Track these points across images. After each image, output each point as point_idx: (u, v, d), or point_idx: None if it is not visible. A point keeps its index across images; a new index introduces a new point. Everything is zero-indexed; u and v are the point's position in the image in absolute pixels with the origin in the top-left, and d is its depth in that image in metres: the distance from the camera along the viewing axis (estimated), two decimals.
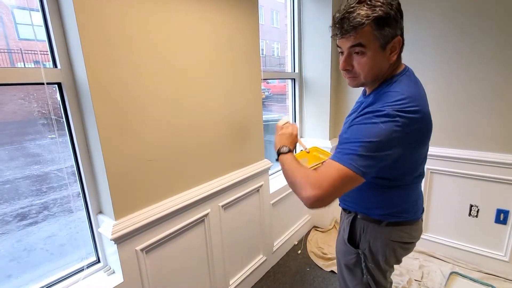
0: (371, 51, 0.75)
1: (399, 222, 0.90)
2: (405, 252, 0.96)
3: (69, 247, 1.59)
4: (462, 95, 1.81)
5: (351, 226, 0.97)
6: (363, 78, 0.80)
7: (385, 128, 0.69)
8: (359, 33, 0.73)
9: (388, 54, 0.77)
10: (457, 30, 1.75)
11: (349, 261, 0.99)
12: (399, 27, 0.75)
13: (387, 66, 0.79)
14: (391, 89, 0.77)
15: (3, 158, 2.23)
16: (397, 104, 0.71)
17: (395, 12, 0.73)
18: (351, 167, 0.69)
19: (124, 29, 1.01)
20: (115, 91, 1.01)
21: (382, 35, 0.73)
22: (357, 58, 0.78)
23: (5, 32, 2.10)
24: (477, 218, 1.88)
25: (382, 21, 0.71)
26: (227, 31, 1.42)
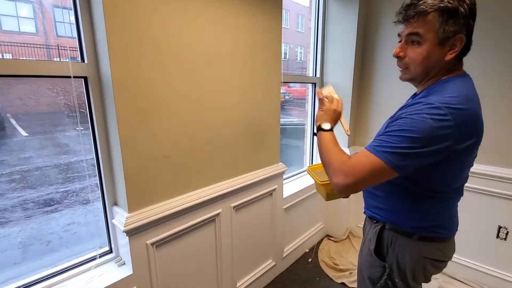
0: (427, 42, 0.72)
1: (431, 237, 0.83)
2: (435, 271, 0.89)
3: (85, 236, 1.66)
4: (498, 108, 1.69)
5: (378, 236, 0.90)
6: (413, 70, 0.78)
7: (432, 123, 0.65)
8: (420, 21, 0.72)
9: (446, 50, 0.73)
10: (492, 41, 1.64)
11: (374, 274, 0.91)
12: (465, 25, 0.71)
13: (442, 64, 0.75)
14: (445, 87, 0.73)
15: (35, 146, 2.38)
16: (450, 100, 0.68)
17: (465, 9, 0.69)
18: (386, 161, 0.68)
19: (150, 30, 1.04)
20: (136, 87, 1.04)
21: (443, 28, 0.70)
22: (412, 48, 0.76)
23: (45, 29, 2.25)
24: (505, 241, 1.74)
25: (447, 14, 0.69)
26: (248, 33, 1.42)
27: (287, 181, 2.14)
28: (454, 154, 0.71)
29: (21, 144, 2.31)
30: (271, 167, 1.74)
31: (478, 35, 1.65)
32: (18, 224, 1.58)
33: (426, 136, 0.66)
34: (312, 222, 2.32)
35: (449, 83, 0.74)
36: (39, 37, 2.26)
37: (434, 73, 0.77)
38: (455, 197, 0.85)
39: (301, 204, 2.09)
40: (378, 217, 0.91)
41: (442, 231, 0.84)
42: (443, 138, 0.66)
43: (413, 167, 0.70)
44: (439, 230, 0.84)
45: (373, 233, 0.91)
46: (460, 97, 0.69)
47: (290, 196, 1.95)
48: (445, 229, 0.85)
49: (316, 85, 2.30)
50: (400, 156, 0.67)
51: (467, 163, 0.78)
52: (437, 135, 0.66)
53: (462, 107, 0.68)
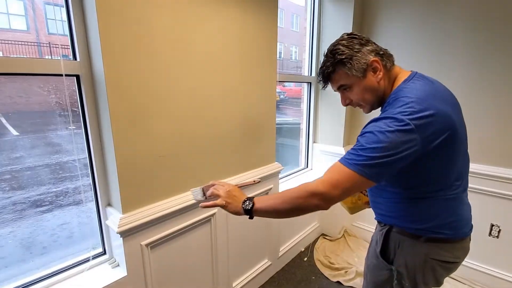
0: (354, 84, 0.85)
1: (438, 238, 0.83)
2: (446, 273, 0.88)
3: (78, 237, 1.63)
4: (488, 108, 1.71)
5: (384, 239, 0.90)
6: (366, 103, 0.88)
7: (392, 132, 0.70)
8: (335, 78, 0.87)
9: (372, 76, 0.84)
10: (485, 43, 1.66)
11: (379, 277, 0.92)
12: (367, 53, 0.83)
13: (379, 86, 0.85)
14: (396, 97, 0.78)
15: (26, 146, 2.33)
16: (404, 109, 0.72)
17: (356, 48, 0.82)
18: (362, 174, 0.72)
19: (144, 27, 1.03)
20: (130, 86, 1.03)
21: (354, 69, 0.82)
22: (349, 93, 0.88)
23: (36, 26, 2.20)
24: (498, 238, 1.77)
25: (346, 60, 0.82)
26: (244, 32, 1.41)
27: (282, 181, 2.14)
28: (429, 153, 0.73)
29: (12, 143, 2.26)
30: (267, 166, 1.73)
31: (473, 38, 1.68)
32: (8, 225, 1.55)
33: (392, 145, 0.70)
34: (308, 221, 2.33)
35: (402, 91, 0.79)
36: (30, 34, 2.21)
37: (381, 93, 0.86)
38: (457, 195, 0.84)
39: None
40: (384, 220, 0.92)
41: (446, 231, 0.83)
42: (409, 143, 0.70)
43: (387, 174, 0.74)
44: (443, 231, 0.83)
45: (380, 235, 0.92)
46: (414, 101, 0.73)
47: None
48: (450, 229, 0.84)
49: (311, 84, 2.30)
50: (372, 168, 0.71)
51: (449, 158, 0.78)
52: (402, 142, 0.70)
53: (418, 108, 0.71)
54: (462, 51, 1.74)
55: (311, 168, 2.47)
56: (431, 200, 0.82)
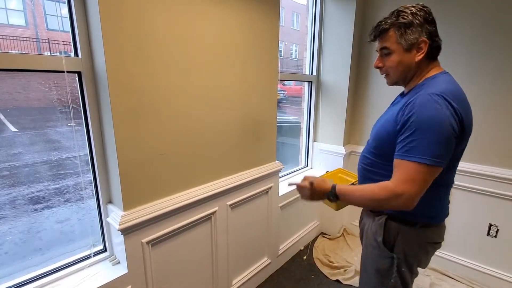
0: (396, 52, 0.88)
1: (431, 223, 0.92)
2: (433, 252, 0.97)
3: (78, 234, 1.63)
4: (488, 109, 1.72)
5: (384, 228, 0.93)
6: (392, 75, 0.92)
7: (446, 111, 0.75)
8: (384, 38, 0.89)
9: (414, 54, 0.87)
10: (486, 44, 1.66)
11: (382, 266, 0.94)
12: (424, 31, 0.84)
13: (414, 65, 0.88)
14: (435, 82, 0.84)
15: (24, 142, 2.32)
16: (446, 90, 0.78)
17: (419, 20, 0.84)
18: (432, 163, 0.75)
19: (146, 24, 1.02)
20: (132, 83, 1.02)
21: (404, 38, 0.85)
22: (386, 58, 0.91)
23: (35, 22, 2.18)
24: (496, 238, 1.78)
25: (404, 27, 0.85)
26: (246, 30, 1.41)
27: (283, 179, 2.14)
28: (459, 138, 0.79)
29: (10, 139, 2.24)
30: (267, 165, 1.73)
31: (466, 40, 1.68)
32: (7, 222, 1.54)
33: (435, 124, 0.74)
34: (307, 220, 2.33)
35: (437, 79, 0.85)
36: (29, 30, 2.20)
37: (412, 74, 0.90)
38: (451, 184, 0.93)
39: (297, 202, 2.09)
40: (381, 211, 0.95)
41: (437, 217, 0.93)
42: (450, 123, 0.75)
43: (449, 156, 0.79)
44: (436, 216, 0.92)
45: (378, 225, 0.94)
46: (452, 89, 0.81)
47: (286, 194, 1.96)
48: (441, 214, 0.94)
49: (312, 83, 2.30)
50: (437, 151, 0.75)
51: (461, 152, 0.87)
52: (445, 120, 0.75)
53: (458, 96, 0.80)
54: (460, 50, 1.75)
55: (311, 167, 2.47)
56: (437, 189, 0.86)
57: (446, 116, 0.75)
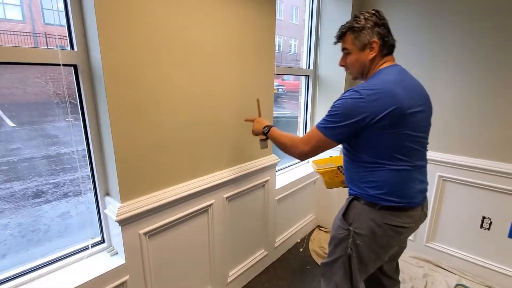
0: (353, 52, 1.05)
1: (390, 206, 0.98)
2: (397, 236, 1.02)
3: (77, 226, 1.65)
4: (482, 102, 1.73)
5: (348, 205, 1.08)
6: (353, 71, 1.10)
7: (349, 102, 0.94)
8: (343, 40, 1.07)
9: (368, 52, 1.02)
10: (477, 38, 1.67)
11: (339, 235, 1.09)
12: (375, 33, 0.99)
13: (368, 62, 1.03)
14: (372, 77, 1.00)
15: (23, 137, 2.32)
16: (367, 85, 0.95)
17: (370, 24, 0.99)
18: (325, 134, 0.99)
19: (142, 16, 1.02)
20: (129, 76, 1.03)
21: (358, 40, 1.02)
22: (346, 57, 1.09)
23: (32, 16, 2.18)
24: (489, 230, 1.81)
25: (357, 30, 1.01)
26: (242, 23, 1.41)
27: (279, 173, 2.16)
28: (376, 123, 0.91)
29: (8, 135, 2.25)
30: (263, 158, 1.75)
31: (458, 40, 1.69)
32: (7, 216, 1.56)
33: (345, 111, 0.94)
34: (304, 213, 2.36)
35: (377, 74, 1.00)
36: (26, 24, 2.19)
37: (367, 69, 1.05)
38: (400, 168, 0.97)
39: (293, 196, 2.12)
40: (351, 191, 1.10)
41: (395, 199, 0.98)
42: (359, 111, 0.92)
43: (343, 135, 0.97)
44: (392, 198, 0.98)
45: (346, 202, 1.10)
46: (378, 82, 0.95)
47: (282, 188, 1.98)
48: (398, 197, 0.98)
49: (309, 77, 2.31)
50: (332, 129, 0.97)
51: (394, 134, 0.93)
52: (354, 109, 0.92)
53: (375, 88, 0.92)
54: (458, 47, 1.75)
55: (307, 161, 2.49)
56: (384, 171, 0.97)
57: (346, 103, 0.94)
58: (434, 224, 2.02)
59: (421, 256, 2.06)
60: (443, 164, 1.90)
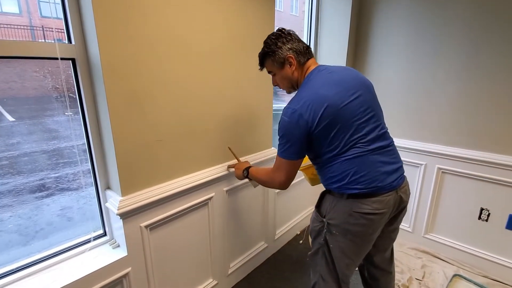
0: (276, 72, 1.15)
1: (355, 194, 1.01)
2: (370, 223, 1.03)
3: (78, 220, 1.67)
4: (481, 95, 1.73)
5: (320, 198, 1.15)
6: (284, 88, 1.19)
7: (286, 122, 1.00)
8: (265, 65, 1.18)
9: (288, 68, 1.11)
10: (478, 32, 1.66)
11: (315, 227, 1.14)
12: (286, 49, 1.08)
13: (293, 76, 1.12)
14: (298, 91, 1.07)
15: (22, 132, 2.32)
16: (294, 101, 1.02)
17: (279, 44, 1.08)
18: (288, 158, 1.05)
19: (140, 9, 1.01)
20: (127, 69, 1.03)
21: (275, 61, 1.11)
22: (275, 78, 1.18)
23: (28, 8, 2.15)
24: (487, 222, 1.83)
25: (269, 54, 1.11)
26: (241, 16, 1.40)
27: None
28: (317, 128, 0.97)
29: (8, 129, 2.25)
30: (264, 151, 1.75)
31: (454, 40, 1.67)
32: (8, 210, 1.57)
33: (287, 131, 1.01)
34: (304, 206, 2.38)
35: (305, 82, 1.07)
36: (23, 18, 2.16)
37: (295, 81, 1.13)
38: (353, 156, 0.99)
39: (293, 189, 2.13)
40: (325, 186, 1.15)
41: (358, 186, 1.00)
42: (298, 125, 0.98)
43: (300, 150, 1.03)
44: (355, 186, 1.00)
45: (320, 196, 1.16)
46: (305, 91, 1.02)
47: None
48: (360, 183, 0.99)
49: None
50: (287, 151, 1.03)
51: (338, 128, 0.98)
52: (293, 126, 0.99)
53: (304, 97, 0.99)
54: (461, 39, 1.74)
55: None
56: (337, 162, 1.01)
57: (286, 123, 1.00)
58: (433, 215, 2.04)
59: (419, 247, 2.09)
60: (442, 157, 1.91)
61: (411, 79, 1.97)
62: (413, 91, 1.98)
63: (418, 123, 2.00)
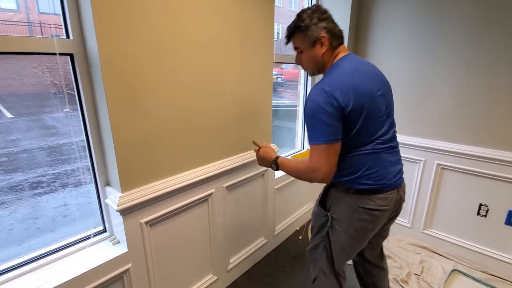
0: (304, 50, 1.06)
1: (363, 189, 1.01)
2: (373, 220, 1.04)
3: (78, 217, 1.67)
4: (482, 90, 1.72)
5: (324, 192, 1.14)
6: (308, 68, 1.11)
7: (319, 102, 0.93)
8: (293, 39, 1.08)
9: (319, 48, 1.03)
10: (479, 26, 1.65)
11: (319, 222, 1.14)
12: (321, 28, 1.00)
13: (321, 57, 1.04)
14: (329, 73, 1.02)
15: (21, 129, 2.32)
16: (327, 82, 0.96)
17: (315, 20, 1.00)
18: (328, 142, 0.94)
19: (139, 3, 1.00)
20: (126, 64, 1.02)
21: (307, 37, 1.02)
22: (300, 56, 1.09)
23: (26, 4, 2.13)
24: (485, 218, 1.84)
25: (303, 29, 1.02)
26: (241, 12, 1.39)
27: None
28: (349, 114, 0.93)
29: (7, 126, 2.24)
30: None
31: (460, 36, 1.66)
32: (8, 207, 1.57)
33: (321, 111, 0.92)
34: (303, 202, 2.38)
35: (335, 67, 1.01)
36: (21, 14, 2.15)
37: (322, 64, 1.06)
38: (369, 151, 1.00)
39: (292, 185, 2.13)
40: None
41: (367, 182, 1.01)
42: (333, 107, 0.92)
43: (340, 132, 0.95)
44: (364, 181, 1.01)
45: (323, 190, 1.15)
46: (338, 74, 0.97)
47: (281, 177, 1.99)
48: (369, 179, 1.01)
49: None
50: (326, 132, 0.93)
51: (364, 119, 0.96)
52: (327, 106, 0.92)
53: (338, 81, 0.95)
54: (463, 32, 1.73)
55: (307, 150, 2.49)
56: (354, 155, 1.00)
57: (318, 104, 0.92)
58: (432, 211, 2.05)
59: (418, 242, 2.10)
60: (441, 153, 1.91)
61: (411, 73, 1.96)
62: (413, 85, 1.97)
63: (418, 119, 2.00)
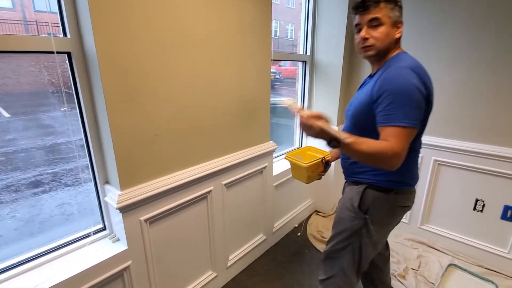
0: (386, 24, 0.94)
1: (403, 190, 1.03)
2: (402, 215, 1.11)
3: (77, 215, 1.67)
4: (478, 87, 1.73)
5: (361, 196, 1.05)
6: (378, 46, 0.96)
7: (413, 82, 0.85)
8: (377, 9, 0.94)
9: (395, 31, 0.97)
10: (477, 23, 1.65)
11: (355, 226, 1.07)
12: (401, 15, 0.97)
13: (394, 41, 0.97)
14: (400, 59, 0.95)
15: (18, 128, 2.31)
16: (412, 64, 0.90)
17: (400, 2, 0.97)
18: (411, 125, 0.84)
19: (136, 2, 1.00)
20: (124, 63, 1.02)
21: (393, 14, 0.95)
22: (374, 30, 0.95)
23: (22, 2, 2.11)
24: (482, 213, 1.86)
25: (393, 3, 0.95)
26: (238, 9, 1.39)
27: (277, 159, 2.18)
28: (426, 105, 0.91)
29: (4, 125, 2.23)
30: (261, 145, 1.76)
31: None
32: (7, 206, 1.57)
33: (412, 92, 0.84)
34: (301, 199, 2.40)
35: (401, 57, 0.96)
36: (16, 12, 2.13)
37: (386, 47, 0.97)
38: (419, 150, 1.04)
39: (291, 182, 2.15)
40: (362, 180, 1.07)
41: (411, 182, 1.05)
42: (420, 92, 0.86)
43: (421, 118, 0.89)
44: (409, 181, 1.03)
45: (357, 192, 1.07)
46: (418, 65, 0.93)
47: (280, 174, 2.00)
48: (412, 179, 1.05)
49: (306, 63, 2.29)
50: (412, 115, 0.84)
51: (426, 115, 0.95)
52: (422, 89, 0.87)
53: (420, 68, 0.91)
54: (460, 30, 1.74)
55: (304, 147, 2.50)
56: (410, 152, 0.91)
57: (414, 84, 0.85)
58: (429, 207, 2.06)
59: (415, 238, 2.12)
60: (438, 149, 1.93)
61: None
62: None
63: None
